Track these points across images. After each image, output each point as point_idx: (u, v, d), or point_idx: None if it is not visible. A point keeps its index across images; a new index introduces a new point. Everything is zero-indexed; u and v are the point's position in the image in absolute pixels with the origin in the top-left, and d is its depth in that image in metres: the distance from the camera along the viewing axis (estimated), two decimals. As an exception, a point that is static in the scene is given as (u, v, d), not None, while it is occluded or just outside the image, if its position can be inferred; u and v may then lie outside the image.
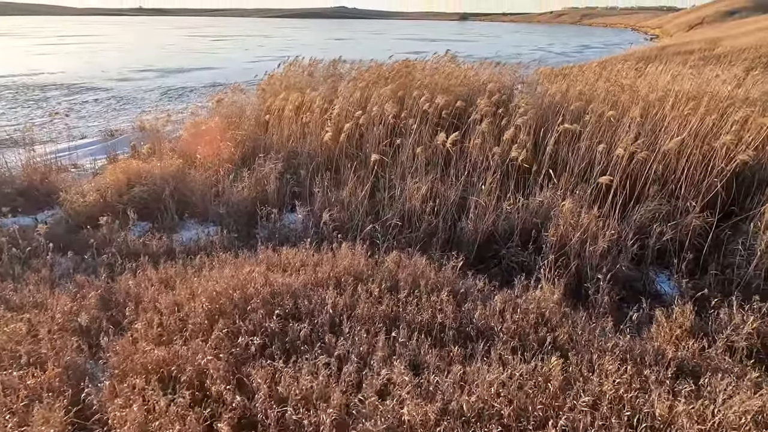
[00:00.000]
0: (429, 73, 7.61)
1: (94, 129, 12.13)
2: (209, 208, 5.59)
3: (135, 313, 2.90)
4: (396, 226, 4.70)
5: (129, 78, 21.30)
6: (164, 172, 5.69)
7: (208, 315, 2.71)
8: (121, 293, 3.18)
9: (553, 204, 4.71)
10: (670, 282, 4.41)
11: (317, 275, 3.21)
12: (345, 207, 5.10)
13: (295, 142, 6.50)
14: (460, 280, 3.47)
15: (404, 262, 3.58)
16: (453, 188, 5.11)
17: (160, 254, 4.13)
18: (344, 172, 5.59)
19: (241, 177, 5.76)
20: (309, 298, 2.87)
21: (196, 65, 26.80)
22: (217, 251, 4.00)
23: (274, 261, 3.57)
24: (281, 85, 8.20)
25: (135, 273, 3.62)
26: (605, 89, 6.06)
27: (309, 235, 4.71)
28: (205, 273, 3.45)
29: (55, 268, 3.75)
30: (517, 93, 7.87)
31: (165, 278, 3.40)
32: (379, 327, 2.62)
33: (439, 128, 6.12)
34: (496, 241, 4.63)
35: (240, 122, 7.23)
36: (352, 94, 6.78)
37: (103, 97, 16.63)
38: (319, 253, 3.87)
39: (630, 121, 5.41)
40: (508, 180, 5.16)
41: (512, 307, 2.85)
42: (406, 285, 3.12)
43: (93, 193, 5.31)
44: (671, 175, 4.98)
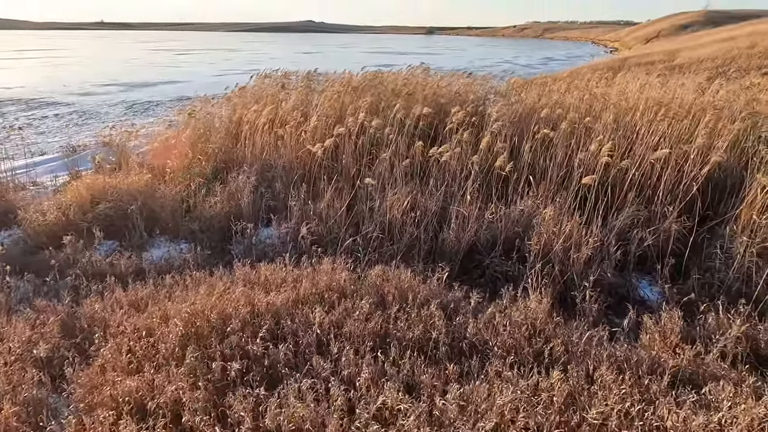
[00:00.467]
0: (402, 83, 7.56)
1: (54, 145, 11.63)
2: (180, 224, 5.35)
3: (103, 340, 2.68)
4: (377, 238, 4.58)
5: (91, 92, 20.66)
6: (131, 188, 5.43)
7: (182, 339, 2.52)
8: (87, 318, 2.95)
9: (534, 212, 4.68)
10: (652, 287, 4.42)
11: (299, 292, 3.05)
12: (323, 220, 4.95)
13: (269, 155, 6.33)
14: (447, 292, 3.36)
15: (388, 276, 3.45)
16: (433, 198, 5.04)
17: (129, 274, 3.89)
18: (321, 184, 5.45)
19: (214, 191, 5.55)
20: (292, 317, 2.70)
21: (161, 79, 26.25)
22: (191, 270, 3.78)
23: (252, 278, 3.39)
24: (253, 97, 8.02)
25: (102, 295, 3.38)
26: (578, 97, 6.12)
27: (287, 249, 4.53)
28: (178, 293, 3.24)
29: (12, 293, 3.47)
30: (489, 103, 7.92)
31: (135, 300, 3.18)
32: (369, 345, 2.47)
33: (416, 138, 6.06)
34: (479, 251, 4.56)
35: (210, 135, 7.01)
36: (328, 105, 6.67)
37: (64, 111, 16.04)
38: (298, 268, 3.70)
39: (603, 128, 5.47)
40: (488, 189, 5.12)
41: (504, 320, 2.75)
42: (393, 300, 2.99)
43: (54, 211, 5.00)
44: (647, 181, 5.04)
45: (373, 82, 7.69)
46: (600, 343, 2.67)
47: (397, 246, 4.58)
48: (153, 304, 3.03)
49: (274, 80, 8.58)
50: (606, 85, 7.06)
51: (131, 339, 2.56)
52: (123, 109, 16.73)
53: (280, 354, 2.37)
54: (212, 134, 6.76)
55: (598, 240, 3.99)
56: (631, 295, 4.12)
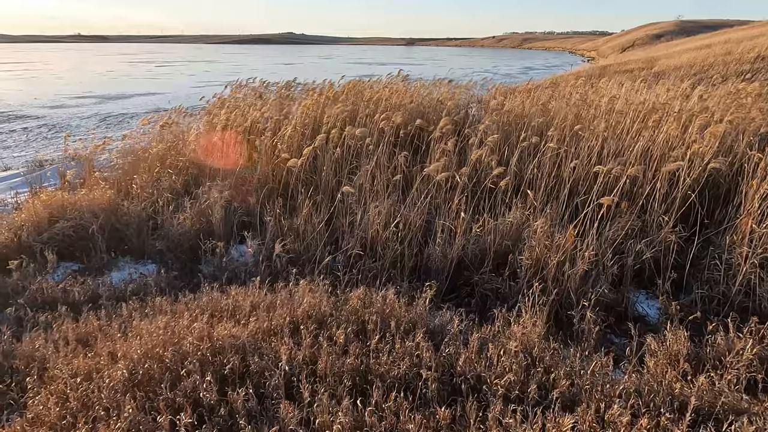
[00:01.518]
0: (382, 92, 7.31)
1: (20, 160, 11.10)
2: (146, 243, 4.98)
3: (39, 385, 2.31)
4: (358, 255, 4.27)
5: (64, 105, 20.03)
6: (93, 204, 5.04)
7: (127, 384, 2.17)
8: (25, 358, 2.57)
9: (524, 224, 4.43)
10: (650, 302, 4.19)
11: (271, 322, 2.72)
12: (300, 236, 4.63)
13: (244, 167, 5.99)
14: (434, 315, 3.06)
15: (371, 299, 3.14)
16: (417, 211, 4.75)
17: (84, 302, 3.51)
18: (298, 197, 5.13)
19: (183, 207, 5.19)
20: (260, 353, 2.37)
21: (138, 91, 25.69)
22: (153, 295, 3.42)
23: (221, 305, 3.04)
24: (229, 107, 7.69)
25: (48, 329, 3.00)
26: (565, 104, 5.93)
27: (260, 270, 4.20)
28: (136, 323, 2.88)
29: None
30: (472, 111, 7.71)
31: (84, 334, 2.81)
32: (347, 386, 2.16)
33: (398, 148, 5.79)
34: (467, 267, 4.28)
35: (182, 147, 6.65)
36: (305, 114, 6.38)
37: (32, 125, 15.45)
38: (273, 292, 3.37)
39: (593, 136, 5.27)
40: (475, 200, 4.86)
41: (499, 348, 2.46)
42: (374, 328, 2.68)
43: (4, 232, 4.59)
44: (639, 189, 4.83)
45: (353, 90, 7.43)
46: (606, 374, 2.40)
47: (381, 263, 4.28)
48: (103, 339, 2.67)
49: (251, 90, 8.27)
50: (593, 92, 6.89)
51: (68, 385, 2.20)
52: (96, 122, 16.19)
53: (238, 401, 2.03)
54: (185, 147, 6.39)
55: (594, 254, 3.73)
56: (628, 312, 3.87)
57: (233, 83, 8.25)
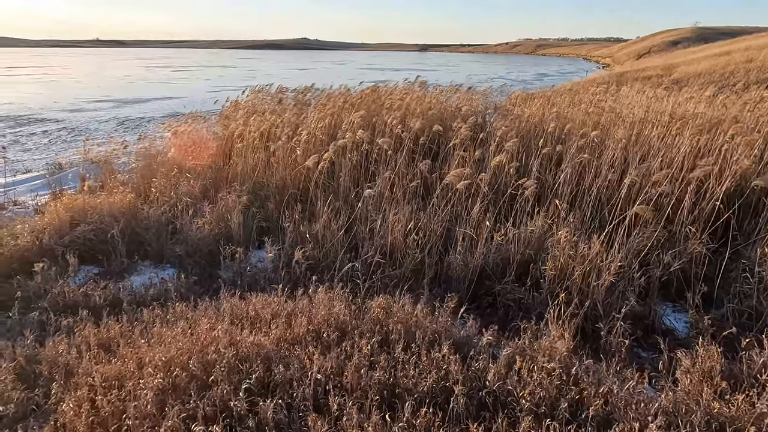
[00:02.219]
0: (399, 97, 7.28)
1: (40, 162, 11.24)
2: (165, 247, 4.98)
3: (63, 391, 2.29)
4: (378, 263, 4.22)
5: (83, 109, 20.31)
6: (113, 208, 5.06)
7: (158, 393, 2.14)
8: (48, 363, 2.56)
9: (546, 233, 4.35)
10: (676, 315, 4.09)
11: (293, 330, 2.68)
12: (319, 243, 4.60)
13: (262, 173, 5.99)
14: (459, 326, 3.00)
15: (392, 308, 3.09)
16: (437, 219, 4.70)
17: (104, 306, 3.50)
18: (317, 204, 5.10)
19: (202, 212, 5.19)
20: (286, 363, 2.33)
21: (155, 95, 25.98)
22: (173, 301, 3.40)
23: (241, 312, 3.01)
24: (247, 112, 7.72)
25: (71, 333, 2.99)
26: (584, 111, 5.84)
27: (280, 276, 4.18)
28: (157, 329, 2.86)
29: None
30: (489, 117, 7.65)
31: (105, 340, 2.79)
32: (374, 400, 2.11)
33: (416, 155, 5.75)
34: (488, 276, 4.21)
35: (200, 152, 6.67)
36: (322, 121, 6.37)
37: (52, 128, 15.67)
38: (293, 299, 3.34)
39: (616, 144, 5.18)
40: (495, 208, 4.79)
41: (528, 363, 2.39)
42: (398, 338, 2.63)
43: (27, 235, 4.62)
44: (665, 198, 4.72)
45: (371, 96, 7.41)
46: (640, 391, 2.31)
47: (400, 271, 4.23)
48: (126, 345, 2.65)
49: (268, 95, 8.30)
50: (613, 100, 6.79)
51: (97, 391, 2.18)
52: (114, 126, 16.38)
53: (268, 413, 1.99)
54: (203, 151, 6.42)
55: (621, 264, 3.65)
56: (656, 326, 3.77)
57: (251, 88, 8.28)
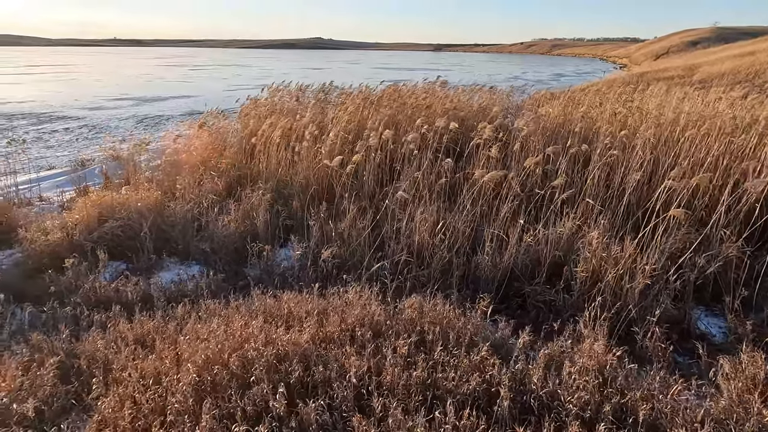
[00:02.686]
0: (423, 97, 7.24)
1: (63, 159, 11.42)
2: (191, 244, 5.01)
3: (102, 387, 2.30)
4: (406, 262, 4.19)
5: (103, 107, 20.60)
6: (140, 205, 5.10)
7: (197, 390, 2.13)
8: (87, 358, 2.57)
9: (576, 235, 4.29)
10: (709, 319, 4.00)
11: (326, 329, 2.66)
12: (345, 241, 4.58)
13: (285, 171, 5.99)
14: (494, 329, 2.96)
15: (424, 308, 3.06)
16: (463, 219, 4.65)
17: (136, 302, 3.53)
18: (343, 202, 5.09)
19: (227, 209, 5.21)
20: (324, 362, 2.31)
21: (172, 93, 26.26)
22: (204, 298, 3.41)
23: (274, 310, 3.01)
24: (267, 110, 7.74)
25: (105, 328, 3.01)
26: (611, 111, 5.75)
27: (307, 274, 4.17)
28: (190, 326, 2.86)
29: (7, 325, 3.12)
30: (513, 117, 7.57)
31: (141, 335, 2.81)
32: (416, 400, 2.08)
33: (441, 154, 5.71)
34: (517, 278, 4.16)
35: (223, 149, 6.71)
36: (346, 119, 6.36)
37: (74, 126, 15.90)
38: (324, 298, 3.32)
39: (645, 144, 5.09)
40: (523, 209, 4.74)
41: (572, 367, 2.34)
42: (434, 339, 2.60)
43: (57, 231, 4.67)
44: (697, 201, 4.63)
45: (392, 96, 7.39)
46: (685, 398, 2.26)
47: (428, 271, 4.20)
48: (161, 341, 2.66)
49: (287, 93, 8.31)
50: (640, 100, 6.68)
51: (136, 388, 2.18)
52: (133, 123, 16.57)
53: (311, 414, 1.97)
54: (226, 149, 6.44)
55: (656, 267, 3.58)
56: (691, 330, 3.69)
57: (270, 86, 8.30)
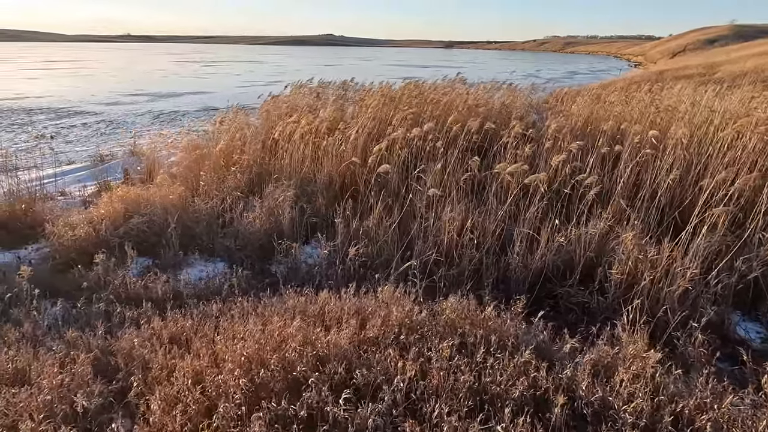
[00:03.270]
0: (443, 92, 7.16)
1: (82, 154, 11.49)
2: (216, 241, 4.99)
3: (143, 385, 2.27)
4: (436, 262, 4.13)
5: (119, 102, 20.73)
6: (165, 201, 5.09)
7: (246, 393, 2.09)
8: (123, 355, 2.55)
9: (609, 235, 4.20)
10: (745, 324, 3.91)
11: (366, 330, 2.61)
12: (372, 239, 4.53)
13: (309, 168, 5.95)
14: (535, 331, 2.89)
15: (464, 311, 3.00)
16: (492, 218, 4.58)
17: (167, 299, 3.50)
18: (366, 200, 5.04)
19: (251, 206, 5.18)
20: (368, 366, 2.26)
21: (187, 89, 26.37)
22: (235, 295, 3.38)
23: (308, 309, 2.96)
24: (287, 107, 7.71)
25: (137, 325, 2.99)
26: (640, 110, 5.64)
27: (336, 273, 4.13)
28: (226, 325, 2.83)
29: (40, 320, 3.11)
30: (536, 115, 7.48)
31: (175, 334, 2.78)
32: (467, 406, 2.02)
33: (468, 152, 5.64)
34: (549, 279, 4.09)
35: (244, 146, 6.68)
36: (369, 116, 6.30)
37: (91, 121, 16.02)
38: (357, 297, 3.28)
39: (676, 143, 4.98)
40: (552, 208, 4.65)
41: (624, 372, 2.27)
42: (476, 341, 2.54)
43: (84, 226, 4.68)
44: (733, 202, 4.51)
45: (414, 92, 7.32)
46: (738, 408, 2.18)
47: (457, 271, 4.14)
48: (198, 339, 2.63)
49: (308, 90, 8.28)
50: (666, 98, 6.55)
51: (180, 389, 2.15)
52: (150, 119, 16.65)
53: (368, 419, 1.92)
54: (247, 146, 6.42)
55: (696, 270, 3.48)
56: (730, 336, 3.60)
57: (291, 83, 8.26)
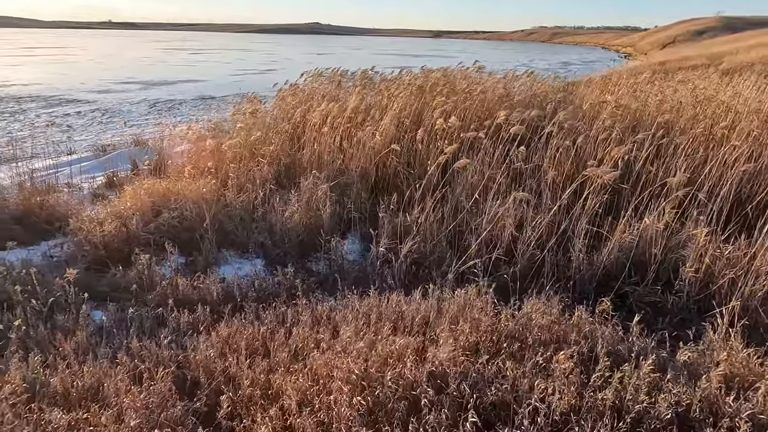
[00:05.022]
0: (477, 82, 6.93)
1: (81, 144, 11.02)
2: (250, 237, 4.72)
3: (233, 406, 2.02)
4: (496, 260, 3.93)
5: (111, 90, 20.10)
6: (196, 195, 4.79)
7: (362, 414, 1.84)
8: (199, 368, 2.29)
9: (675, 231, 4.04)
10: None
11: (463, 338, 2.39)
12: (423, 235, 4.30)
13: (343, 160, 5.68)
14: (635, 338, 2.70)
15: (548, 314, 2.80)
16: (543, 213, 4.37)
17: (220, 302, 3.25)
18: (403, 193, 4.80)
19: (288, 200, 4.91)
20: (488, 381, 2.04)
21: (179, 78, 25.70)
22: (300, 297, 3.13)
23: (387, 313, 2.73)
24: (306, 95, 7.41)
25: (199, 331, 2.74)
26: (690, 102, 5.46)
27: (392, 271, 3.90)
28: (299, 333, 2.59)
29: (93, 328, 2.83)
30: (566, 105, 7.27)
31: (249, 342, 2.53)
32: (619, 428, 1.81)
33: (510, 143, 5.41)
34: (613, 277, 3.91)
35: (267, 137, 6.37)
36: (400, 106, 6.04)
37: (86, 109, 15.46)
38: (425, 299, 3.06)
39: (747, 134, 4.81)
40: (611, 201, 4.47)
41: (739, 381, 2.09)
42: (582, 350, 2.34)
43: (113, 221, 4.37)
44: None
45: (442, 80, 7.06)
46: None
47: (516, 269, 3.94)
48: (280, 350, 2.38)
49: (327, 78, 7.97)
50: (700, 87, 6.39)
51: (287, 411, 1.90)
52: (146, 108, 16.14)
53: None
54: (271, 136, 6.12)
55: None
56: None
57: (313, 71, 7.94)
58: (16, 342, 2.53)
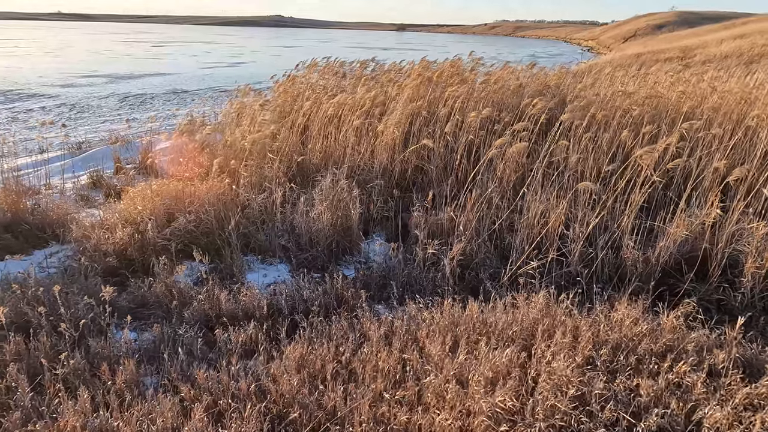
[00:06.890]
0: (487, 74, 6.71)
1: (52, 141, 10.24)
2: (273, 240, 4.36)
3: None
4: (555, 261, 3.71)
5: (74, 84, 18.97)
6: (212, 196, 4.39)
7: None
8: (284, 402, 1.97)
9: (731, 226, 3.92)
10: None
11: (580, 352, 2.15)
12: (466, 237, 4.04)
13: (359, 155, 5.36)
14: (712, 339, 2.54)
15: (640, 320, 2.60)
16: (586, 208, 4.19)
17: (265, 317, 2.92)
18: (426, 189, 4.53)
19: (311, 200, 4.56)
20: (656, 409, 1.80)
21: (146, 71, 24.56)
22: (363, 308, 2.82)
23: (473, 324, 2.47)
24: (308, 88, 7.02)
25: (269, 354, 2.40)
26: (709, 93, 5.40)
27: (444, 275, 3.63)
28: (368, 351, 2.29)
29: (134, 355, 2.45)
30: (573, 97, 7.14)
31: (328, 366, 2.21)
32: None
33: (534, 135, 5.22)
34: (669, 273, 3.76)
35: (279, 132, 5.96)
36: (410, 97, 5.75)
37: (50, 104, 14.49)
38: (512, 307, 2.81)
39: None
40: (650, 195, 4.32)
41: None
42: (700, 362, 2.15)
43: (124, 226, 3.94)
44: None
45: (450, 71, 6.80)
46: None
47: (573, 269, 3.74)
48: (371, 375, 2.08)
49: (328, 70, 7.60)
50: (712, 79, 6.35)
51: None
52: (116, 102, 15.26)
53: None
54: (284, 131, 5.73)
55: None
56: None
57: (311, 62, 7.55)
58: (52, 378, 2.14)
